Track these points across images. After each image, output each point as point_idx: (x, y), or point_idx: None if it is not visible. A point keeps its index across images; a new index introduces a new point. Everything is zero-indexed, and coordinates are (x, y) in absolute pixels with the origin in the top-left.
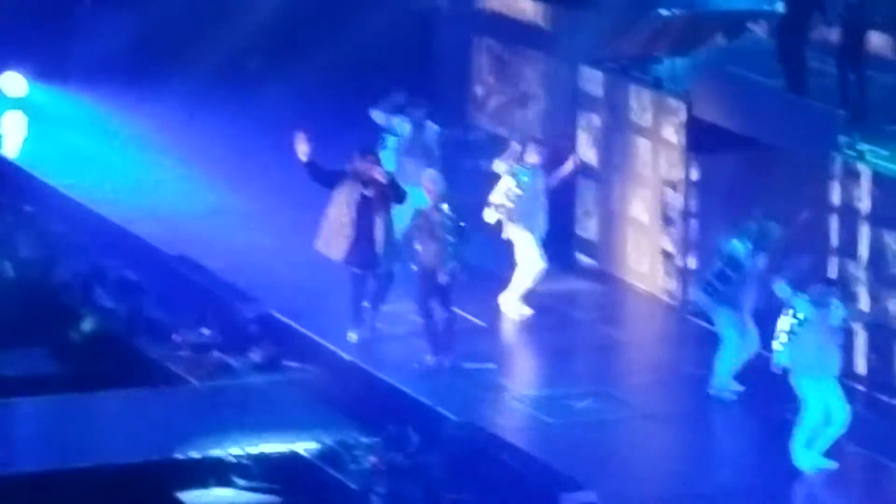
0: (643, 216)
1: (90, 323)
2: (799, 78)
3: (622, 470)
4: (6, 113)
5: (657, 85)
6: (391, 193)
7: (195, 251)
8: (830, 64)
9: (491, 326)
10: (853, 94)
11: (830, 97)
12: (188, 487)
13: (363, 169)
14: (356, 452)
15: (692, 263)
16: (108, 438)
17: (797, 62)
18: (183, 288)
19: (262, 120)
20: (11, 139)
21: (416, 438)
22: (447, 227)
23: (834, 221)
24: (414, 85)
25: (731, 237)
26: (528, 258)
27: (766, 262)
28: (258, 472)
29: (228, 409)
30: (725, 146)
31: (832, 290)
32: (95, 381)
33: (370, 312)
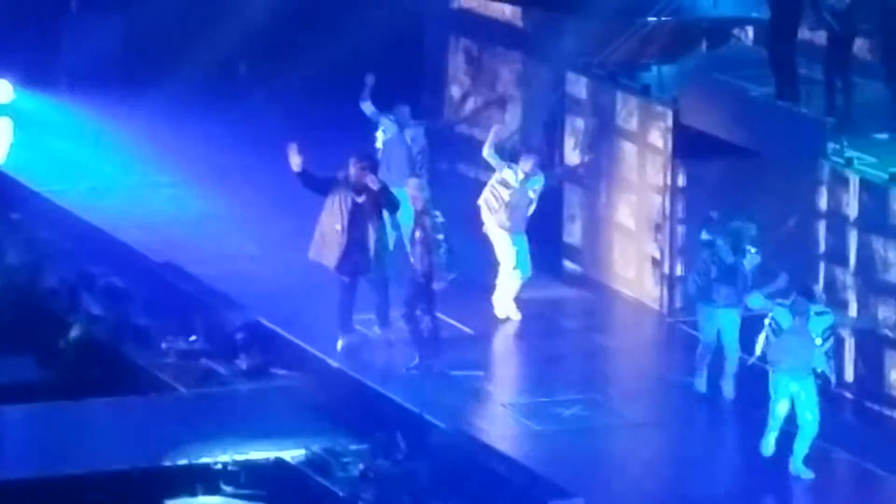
0: (630, 222)
1: (77, 330)
2: (791, 84)
3: (610, 477)
4: None
5: (644, 92)
6: (383, 201)
7: (182, 258)
8: (817, 71)
9: (478, 334)
10: (840, 101)
11: (817, 104)
12: (176, 495)
13: (356, 176)
14: (344, 459)
15: (679, 270)
16: (95, 445)
17: (789, 68)
18: (170, 295)
19: (248, 125)
20: None
21: (403, 445)
22: (440, 234)
23: (822, 228)
24: (399, 86)
25: (713, 237)
26: (508, 257)
27: (757, 261)
28: (246, 479)
29: (216, 416)
30: (712, 152)
31: (812, 298)
32: (82, 388)
33: (381, 328)
